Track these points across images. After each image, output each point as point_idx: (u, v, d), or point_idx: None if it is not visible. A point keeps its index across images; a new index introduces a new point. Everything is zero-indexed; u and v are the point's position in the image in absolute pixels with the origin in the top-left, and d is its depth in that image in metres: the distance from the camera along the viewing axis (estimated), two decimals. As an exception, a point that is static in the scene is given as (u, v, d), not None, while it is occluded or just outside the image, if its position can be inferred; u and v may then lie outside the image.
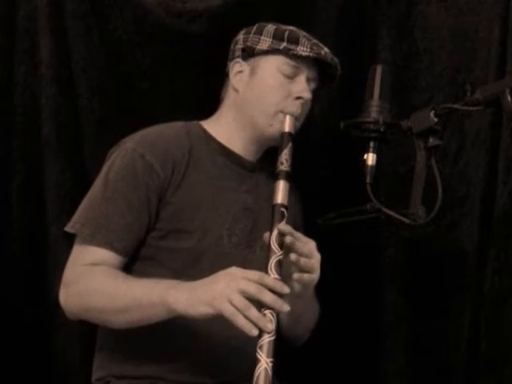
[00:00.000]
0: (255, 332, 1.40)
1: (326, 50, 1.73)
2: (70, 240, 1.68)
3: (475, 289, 1.95)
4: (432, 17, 2.07)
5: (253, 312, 1.40)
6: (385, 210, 1.75)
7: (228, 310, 1.40)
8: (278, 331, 1.45)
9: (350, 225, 1.84)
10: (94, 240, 1.60)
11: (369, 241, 2.08)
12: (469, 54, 2.03)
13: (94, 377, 1.72)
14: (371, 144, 1.77)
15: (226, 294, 1.41)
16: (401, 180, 2.00)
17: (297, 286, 1.56)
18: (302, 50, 1.69)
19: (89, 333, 1.81)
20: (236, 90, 1.75)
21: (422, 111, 1.71)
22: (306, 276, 1.53)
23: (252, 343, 1.43)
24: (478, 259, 1.96)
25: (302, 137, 1.91)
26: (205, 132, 1.76)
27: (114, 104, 2.12)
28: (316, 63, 1.74)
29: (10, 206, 2.10)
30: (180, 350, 1.63)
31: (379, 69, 1.79)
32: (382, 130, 1.75)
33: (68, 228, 1.64)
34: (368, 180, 1.76)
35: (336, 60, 1.75)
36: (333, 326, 2.05)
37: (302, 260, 1.51)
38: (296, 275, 1.52)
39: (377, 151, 1.77)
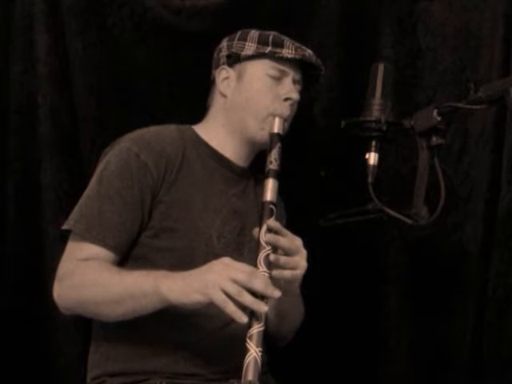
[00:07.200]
0: (245, 319, 1.43)
1: (309, 51, 1.77)
2: (67, 241, 1.68)
3: (479, 290, 1.95)
4: (435, 14, 2.07)
5: (246, 297, 1.44)
6: (387, 210, 1.74)
7: (219, 298, 1.44)
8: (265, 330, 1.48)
9: (352, 225, 1.83)
10: (87, 236, 1.63)
11: (371, 241, 2.08)
12: (472, 52, 2.03)
13: (89, 376, 1.73)
14: (373, 143, 1.76)
15: (218, 281, 1.45)
16: (403, 180, 2.00)
17: (281, 282, 1.59)
18: (288, 52, 1.74)
19: (87, 334, 1.80)
20: (224, 96, 1.79)
21: (424, 110, 1.71)
22: (286, 272, 1.57)
23: (245, 334, 1.46)
24: (481, 260, 1.96)
25: (302, 136, 1.90)
26: (197, 136, 1.80)
27: (111, 102, 2.11)
28: (300, 65, 1.78)
29: (7, 206, 2.09)
30: (173, 343, 1.65)
31: (381, 67, 1.79)
32: (383, 128, 1.74)
33: (64, 225, 1.67)
34: (370, 180, 1.75)
35: (320, 61, 1.79)
36: (335, 327, 2.05)
37: (282, 259, 1.55)
38: (275, 272, 1.55)
39: (379, 150, 1.76)
